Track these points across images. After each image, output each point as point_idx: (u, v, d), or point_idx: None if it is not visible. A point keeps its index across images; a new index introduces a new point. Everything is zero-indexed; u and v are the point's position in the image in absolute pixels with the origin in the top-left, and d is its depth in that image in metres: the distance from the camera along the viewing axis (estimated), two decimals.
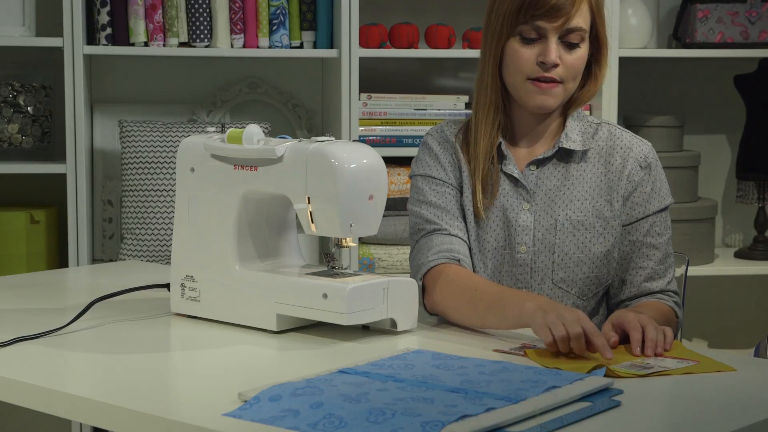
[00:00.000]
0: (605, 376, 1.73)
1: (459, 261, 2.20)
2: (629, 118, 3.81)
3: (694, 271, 3.65)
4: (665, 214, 2.30)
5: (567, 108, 2.31)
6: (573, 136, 2.28)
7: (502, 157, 2.29)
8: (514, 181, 2.28)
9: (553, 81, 2.22)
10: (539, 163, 2.28)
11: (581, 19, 2.22)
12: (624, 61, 3.65)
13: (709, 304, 4.08)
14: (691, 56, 3.77)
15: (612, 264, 2.28)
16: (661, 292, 2.28)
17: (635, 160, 2.29)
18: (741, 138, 3.90)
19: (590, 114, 3.63)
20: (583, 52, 2.24)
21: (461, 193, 2.31)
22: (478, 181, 2.27)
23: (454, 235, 2.25)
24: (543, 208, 2.27)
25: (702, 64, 3.99)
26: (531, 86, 2.23)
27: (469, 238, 2.29)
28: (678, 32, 3.87)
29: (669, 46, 3.98)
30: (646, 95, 4.01)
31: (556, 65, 2.21)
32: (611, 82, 3.58)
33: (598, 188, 2.27)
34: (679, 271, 2.49)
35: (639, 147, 2.30)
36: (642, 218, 2.27)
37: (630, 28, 3.70)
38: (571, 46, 2.22)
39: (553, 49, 2.21)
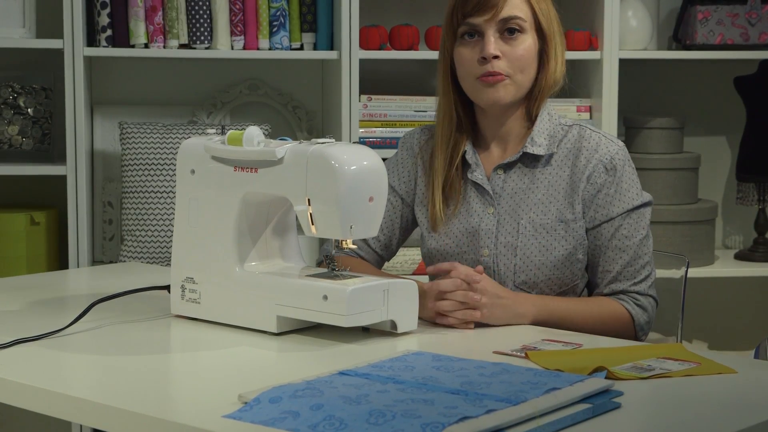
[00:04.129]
0: (606, 377, 1.73)
1: None
2: (629, 120, 3.81)
3: (694, 272, 3.65)
4: (635, 215, 2.26)
5: (530, 106, 2.30)
6: (539, 140, 2.27)
7: (467, 165, 2.30)
8: (480, 187, 2.28)
9: (498, 75, 2.22)
10: (506, 167, 2.29)
11: (515, 9, 2.23)
12: (624, 63, 3.65)
13: (709, 305, 4.08)
14: (691, 58, 3.77)
15: (576, 265, 2.26)
16: (622, 292, 2.25)
17: (599, 161, 2.25)
18: (741, 139, 3.90)
19: (590, 116, 3.63)
20: (526, 43, 2.24)
21: (411, 205, 2.38)
22: (437, 190, 2.29)
23: (357, 254, 2.37)
24: (507, 212, 2.27)
25: (702, 65, 3.99)
26: (479, 84, 2.24)
27: (396, 246, 2.41)
28: (678, 34, 3.87)
29: (669, 48, 3.97)
30: (646, 97, 4.01)
31: (495, 57, 2.21)
32: (611, 83, 3.58)
33: (563, 191, 2.26)
34: (679, 273, 2.48)
35: (606, 148, 2.26)
36: (605, 221, 2.25)
37: (630, 29, 3.70)
38: (511, 37, 2.23)
39: (490, 42, 2.22)
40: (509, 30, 2.23)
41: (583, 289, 2.32)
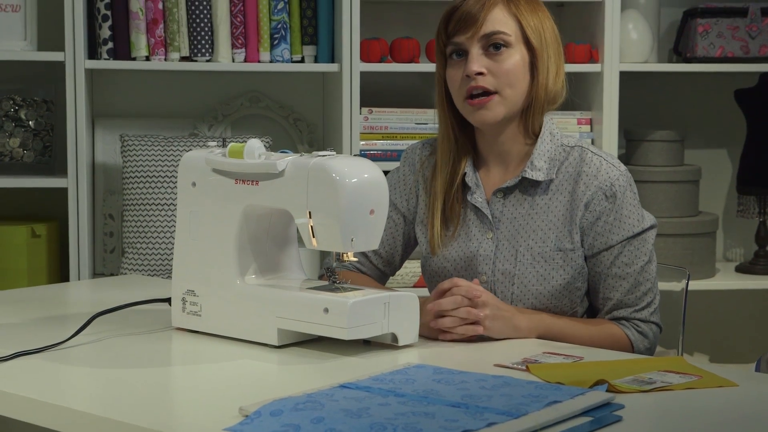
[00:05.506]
0: (607, 390, 1.73)
1: None
2: (630, 133, 3.82)
3: (695, 285, 3.64)
4: (636, 242, 2.22)
5: (527, 122, 2.26)
6: (539, 164, 2.23)
7: (467, 186, 2.28)
8: (480, 211, 2.27)
9: (485, 94, 2.20)
10: (505, 191, 2.26)
11: (498, 24, 2.20)
12: (625, 76, 3.65)
13: (710, 318, 4.07)
14: (691, 70, 3.77)
15: (575, 293, 2.23)
16: (624, 319, 2.23)
17: (599, 187, 2.20)
18: (741, 152, 3.91)
19: (590, 129, 3.63)
20: (513, 57, 2.21)
21: (412, 222, 2.36)
22: (437, 214, 2.28)
23: (358, 270, 2.37)
24: (506, 237, 2.24)
25: (702, 78, 3.99)
26: (468, 106, 2.22)
27: (398, 262, 2.40)
28: (679, 46, 3.88)
29: (670, 61, 3.98)
30: (647, 109, 4.01)
31: (480, 74, 2.19)
32: (612, 96, 3.58)
33: (563, 218, 2.22)
34: (680, 286, 2.48)
35: (607, 173, 2.21)
36: (605, 249, 2.21)
37: (631, 42, 3.71)
38: (496, 53, 2.20)
39: (473, 60, 2.20)
40: (494, 45, 2.20)
41: (583, 315, 2.30)
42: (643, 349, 2.23)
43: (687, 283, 2.48)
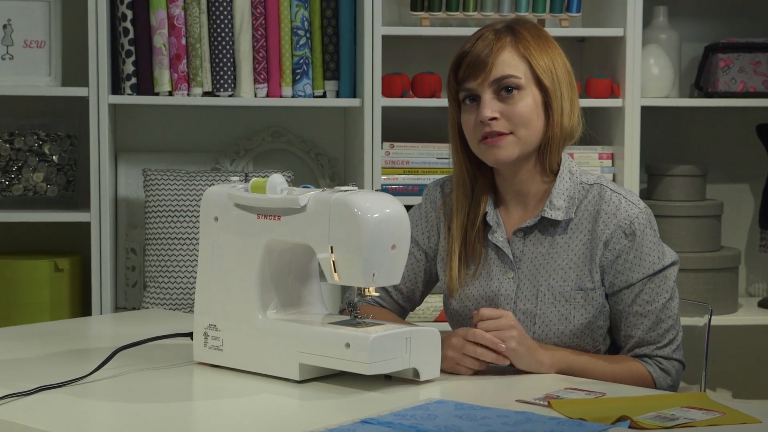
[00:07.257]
0: (630, 427, 1.72)
1: None
2: (651, 167, 3.81)
3: (718, 320, 3.63)
4: (657, 280, 2.21)
5: (543, 160, 2.25)
6: (558, 203, 2.23)
7: (487, 226, 2.28)
8: (501, 251, 2.26)
9: (499, 134, 2.20)
10: (525, 231, 2.25)
11: (508, 68, 2.20)
12: (646, 111, 3.65)
13: (732, 353, 4.05)
14: (713, 105, 3.77)
15: (597, 332, 2.23)
16: (646, 356, 2.22)
17: (618, 226, 2.20)
18: (764, 187, 3.89)
19: (612, 164, 3.63)
20: (525, 100, 2.20)
21: (434, 259, 2.35)
22: (454, 257, 2.27)
23: (378, 304, 2.36)
24: (527, 277, 2.24)
25: (724, 113, 3.99)
26: (482, 146, 2.22)
27: (419, 298, 2.39)
28: (700, 81, 3.88)
29: (691, 96, 3.98)
30: (669, 144, 4.01)
31: (493, 118, 2.19)
32: (633, 131, 3.58)
33: (583, 257, 2.21)
34: (702, 321, 2.47)
35: (626, 211, 2.20)
36: (625, 287, 2.20)
37: (652, 77, 3.71)
38: (508, 96, 2.19)
39: (485, 105, 2.19)
40: (506, 89, 2.19)
41: (605, 352, 2.28)
42: (666, 387, 2.22)
43: (709, 319, 2.47)
